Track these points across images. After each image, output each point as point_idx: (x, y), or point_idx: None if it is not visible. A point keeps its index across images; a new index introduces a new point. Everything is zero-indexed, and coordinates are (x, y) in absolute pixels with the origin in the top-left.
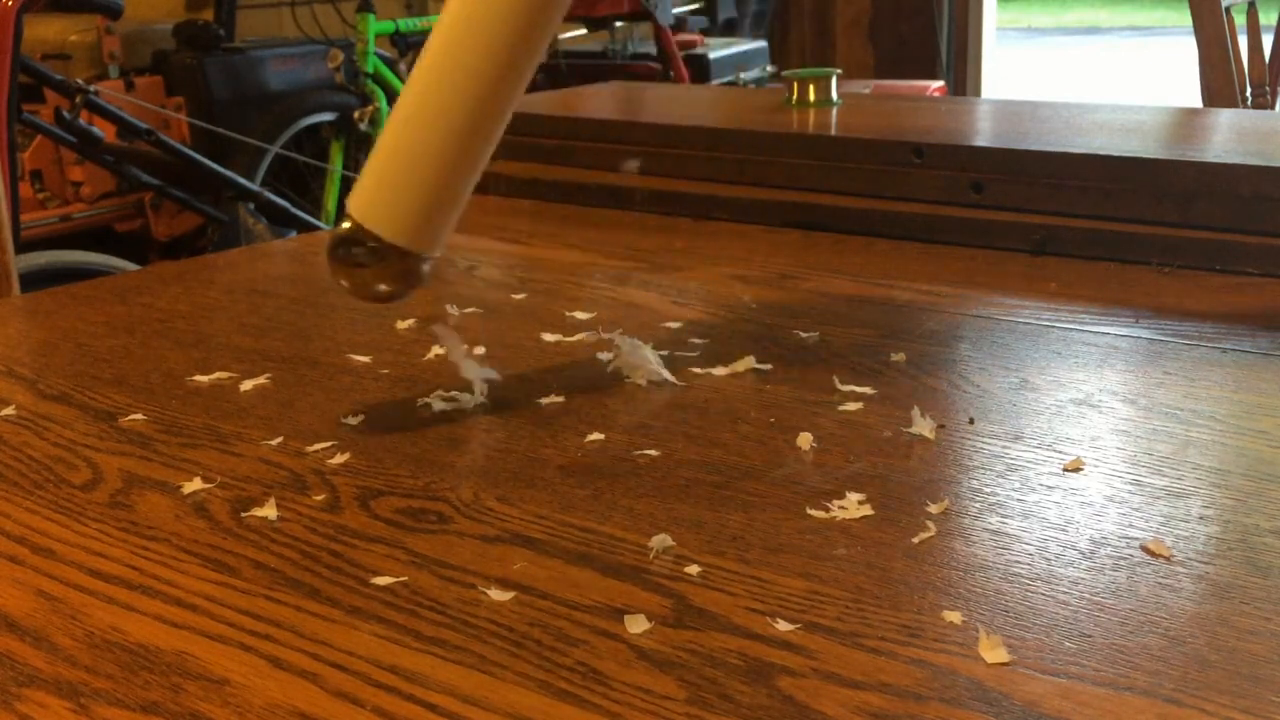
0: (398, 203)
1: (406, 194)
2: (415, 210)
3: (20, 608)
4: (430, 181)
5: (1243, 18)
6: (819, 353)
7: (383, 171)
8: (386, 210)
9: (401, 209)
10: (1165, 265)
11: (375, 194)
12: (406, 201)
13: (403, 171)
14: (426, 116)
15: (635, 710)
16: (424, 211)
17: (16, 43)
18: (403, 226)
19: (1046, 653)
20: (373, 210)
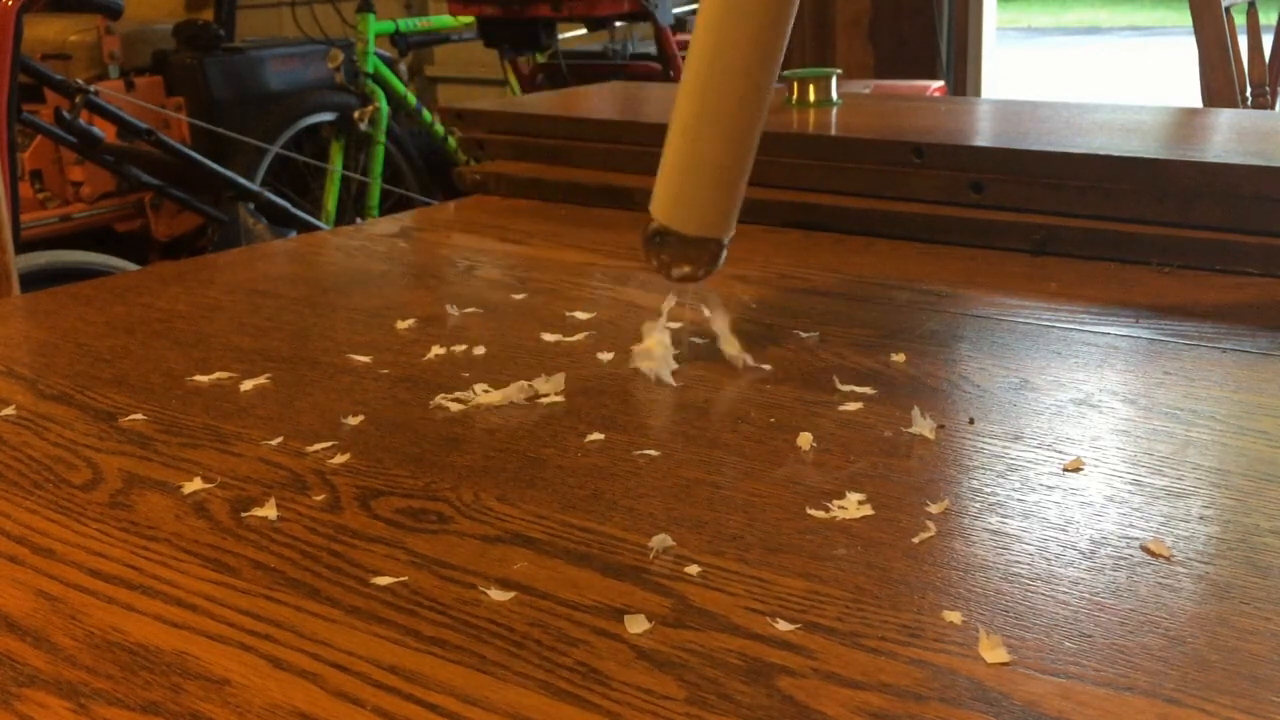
0: (692, 202)
1: (698, 194)
2: (708, 206)
3: (20, 608)
4: (718, 179)
5: (1243, 18)
6: (819, 353)
7: (674, 175)
8: (683, 211)
9: (696, 208)
10: (1165, 265)
11: (671, 196)
12: (699, 201)
13: (691, 175)
14: (708, 121)
15: (635, 710)
16: (715, 204)
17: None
18: (699, 221)
19: (1046, 653)
20: (673, 211)
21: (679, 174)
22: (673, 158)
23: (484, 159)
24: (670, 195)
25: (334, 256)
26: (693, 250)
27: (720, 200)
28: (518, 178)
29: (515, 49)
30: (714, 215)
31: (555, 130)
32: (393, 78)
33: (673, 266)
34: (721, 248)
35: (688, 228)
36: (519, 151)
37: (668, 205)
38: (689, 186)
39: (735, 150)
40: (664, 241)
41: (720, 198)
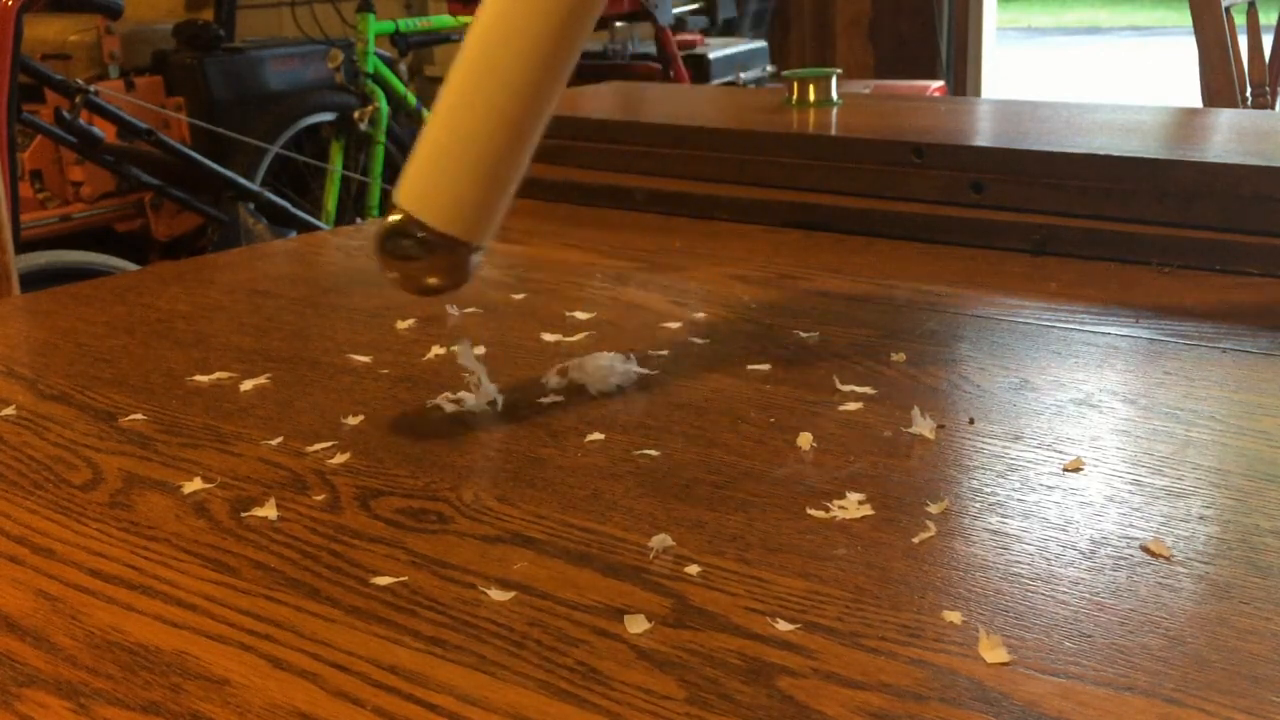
0: (448, 192)
1: (456, 182)
2: (465, 199)
3: (20, 608)
4: (480, 169)
5: (1243, 18)
6: (819, 353)
7: (431, 161)
8: (436, 199)
9: (452, 198)
10: (1165, 265)
11: (424, 184)
12: (457, 190)
13: (452, 160)
14: (474, 103)
15: (635, 710)
16: (474, 200)
17: (16, 43)
18: (454, 215)
19: (1046, 653)
20: (422, 200)
21: (438, 157)
22: (433, 138)
23: None
24: (423, 181)
25: (334, 256)
26: (441, 255)
27: (481, 196)
28: None
29: None
30: (471, 212)
31: (555, 130)
32: (393, 78)
33: (418, 274)
34: (471, 258)
35: (439, 221)
36: None
37: (419, 192)
38: (448, 173)
39: (509, 139)
40: (406, 242)
41: (481, 193)
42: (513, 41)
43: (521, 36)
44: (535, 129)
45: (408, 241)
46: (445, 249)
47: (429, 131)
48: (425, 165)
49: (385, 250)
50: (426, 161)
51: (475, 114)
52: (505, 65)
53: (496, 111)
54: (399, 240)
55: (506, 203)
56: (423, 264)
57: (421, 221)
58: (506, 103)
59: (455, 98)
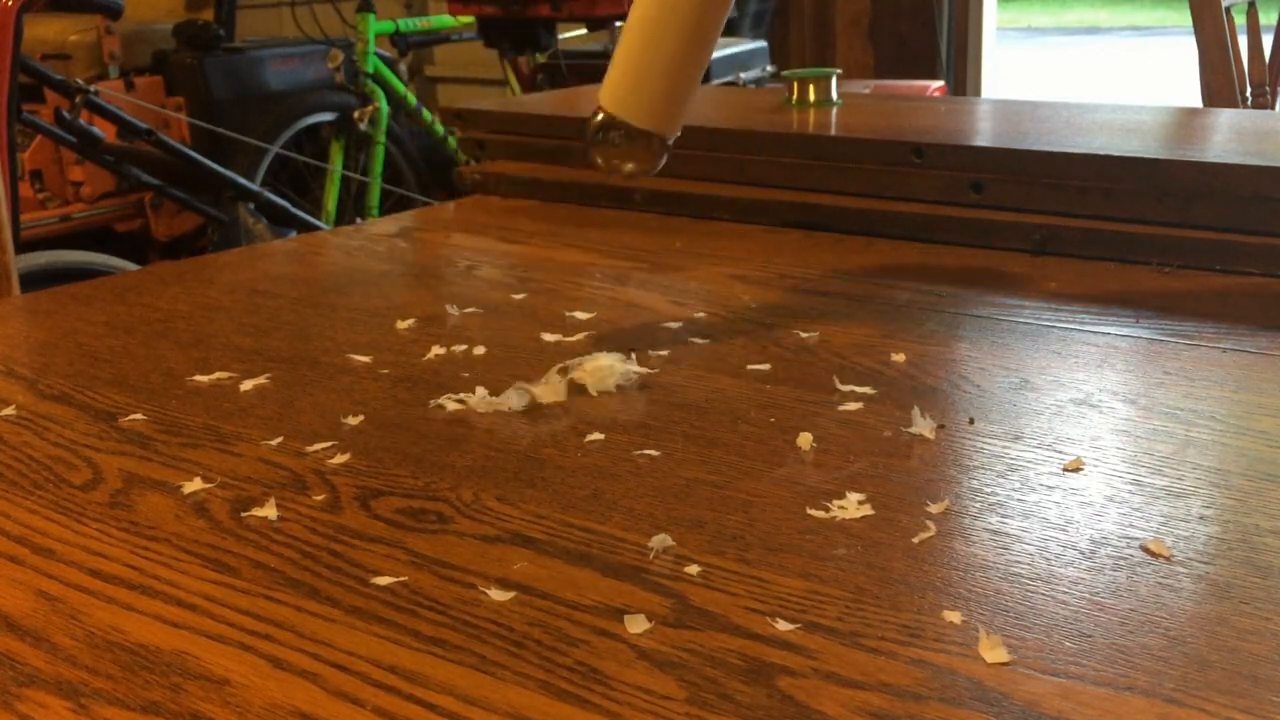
0: (644, 94)
1: (650, 85)
2: (659, 99)
3: (20, 608)
4: (669, 73)
5: (1243, 18)
6: (819, 353)
7: (627, 67)
8: (634, 100)
9: (647, 99)
10: (1165, 265)
11: (623, 87)
12: (650, 92)
13: (645, 66)
14: (661, 17)
15: (635, 710)
16: (665, 99)
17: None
18: (649, 113)
19: (1046, 653)
20: (623, 102)
21: (635, 64)
22: (630, 48)
23: (484, 159)
24: (624, 85)
25: (334, 256)
26: (639, 146)
27: (672, 95)
28: (518, 178)
29: (515, 49)
30: (665, 109)
31: (555, 130)
32: (393, 78)
33: (619, 162)
34: (666, 147)
35: (638, 119)
36: (519, 151)
37: (620, 95)
38: (644, 78)
39: (693, 46)
40: (610, 135)
41: (673, 93)
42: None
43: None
44: (712, 36)
45: (614, 134)
46: (642, 141)
47: (624, 41)
48: (623, 71)
49: (593, 142)
50: (624, 68)
51: (662, 27)
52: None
53: (679, 24)
54: (605, 134)
55: (691, 97)
56: (623, 154)
57: (622, 119)
58: (687, 17)
59: (644, 12)
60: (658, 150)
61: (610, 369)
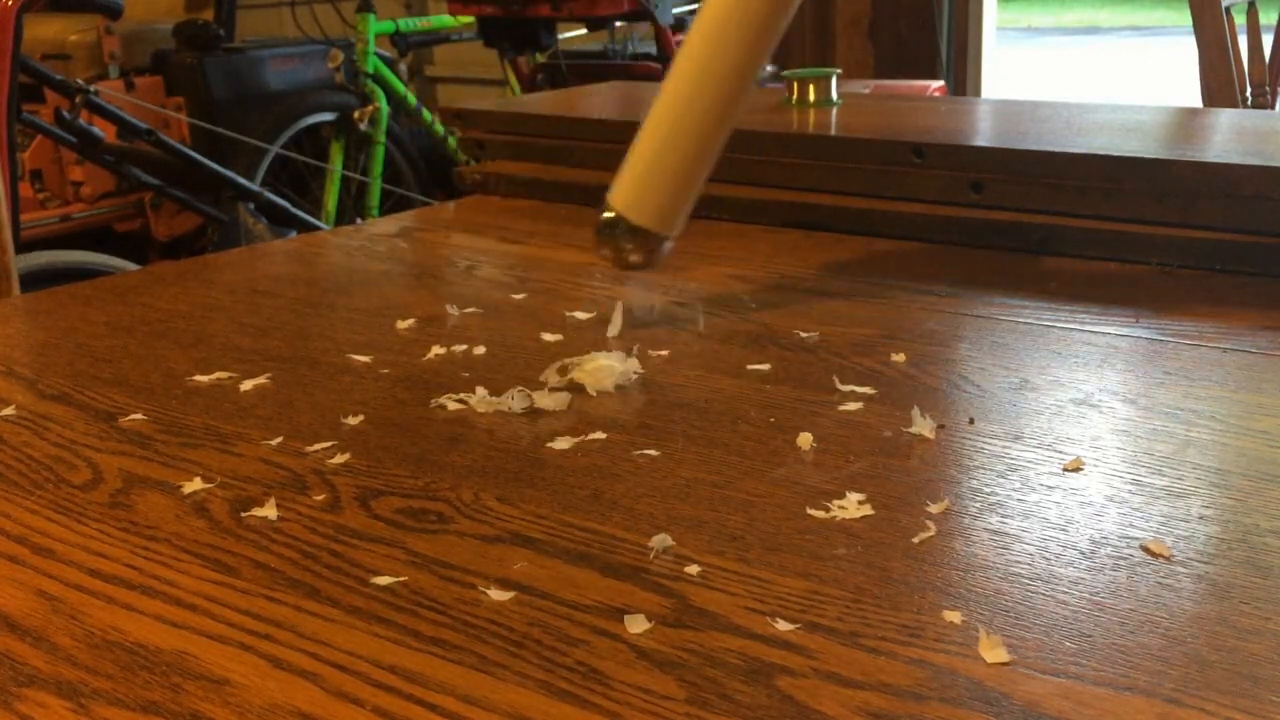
0: (651, 198)
1: (658, 191)
2: (665, 203)
3: (20, 608)
4: (677, 182)
5: (1243, 18)
6: (819, 353)
7: (639, 172)
8: (642, 204)
9: (654, 203)
10: (1165, 265)
11: (633, 190)
12: (658, 197)
13: (655, 173)
14: (676, 128)
15: (635, 710)
16: (671, 204)
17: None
18: (658, 217)
19: (1046, 653)
20: (632, 204)
21: (648, 169)
22: (644, 153)
23: (484, 159)
24: (636, 188)
25: (334, 256)
26: (643, 241)
27: (680, 200)
28: (518, 178)
29: (515, 49)
30: (672, 212)
31: (555, 130)
32: (393, 78)
33: (625, 255)
34: (668, 244)
35: (645, 220)
36: (519, 151)
37: (632, 197)
38: (655, 182)
39: (705, 156)
40: (616, 231)
41: (681, 198)
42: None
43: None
44: (719, 146)
45: (619, 232)
46: (648, 238)
47: (638, 148)
48: (636, 175)
49: (601, 236)
50: (637, 171)
51: (678, 136)
52: (699, 105)
53: (694, 135)
54: (612, 230)
55: (695, 199)
56: (628, 248)
57: (629, 219)
58: (699, 131)
59: (659, 123)
60: (662, 245)
61: (610, 369)
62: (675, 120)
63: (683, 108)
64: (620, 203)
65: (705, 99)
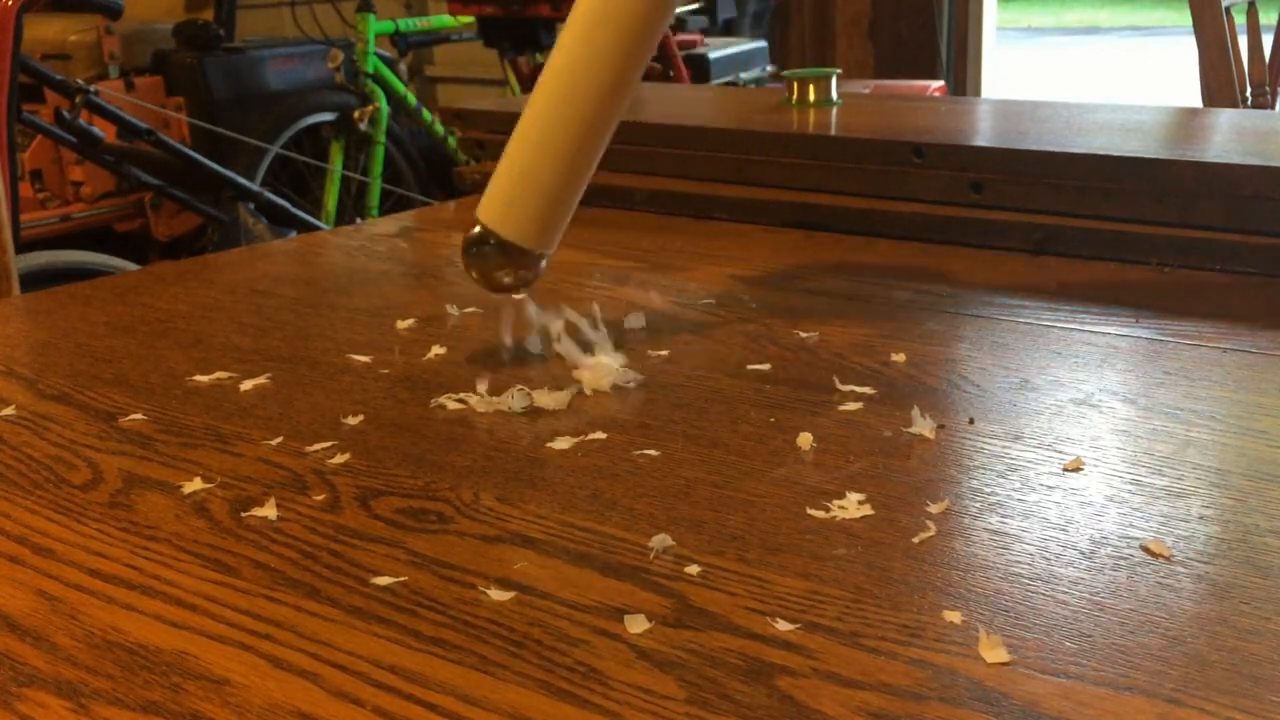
0: (521, 212)
1: (528, 204)
2: (536, 217)
3: (20, 608)
4: (548, 194)
5: (1243, 18)
6: (819, 353)
7: (507, 185)
8: (512, 218)
9: (525, 217)
10: (1165, 265)
11: (502, 204)
12: (528, 210)
13: (524, 186)
14: (546, 137)
15: (635, 710)
16: (543, 218)
17: (16, 43)
18: (526, 231)
19: (1046, 653)
20: (500, 218)
21: (514, 181)
22: (511, 165)
23: (484, 159)
24: (502, 201)
25: (334, 256)
26: (515, 260)
27: (552, 215)
28: None
29: (515, 49)
30: (542, 228)
31: None
32: (393, 78)
33: (495, 274)
34: (541, 263)
35: (515, 236)
36: None
37: (498, 210)
38: (524, 196)
39: (575, 167)
40: (485, 249)
41: (552, 212)
42: (578, 86)
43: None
44: (595, 155)
45: (488, 249)
46: (518, 256)
47: (506, 159)
48: (503, 188)
49: (469, 255)
50: (504, 185)
51: (543, 150)
52: (570, 111)
53: (561, 149)
54: (480, 248)
55: (569, 215)
56: (499, 268)
57: (499, 235)
58: (569, 142)
59: (527, 133)
60: (533, 264)
61: (608, 368)
62: (548, 124)
63: (556, 110)
64: (488, 217)
65: (580, 98)
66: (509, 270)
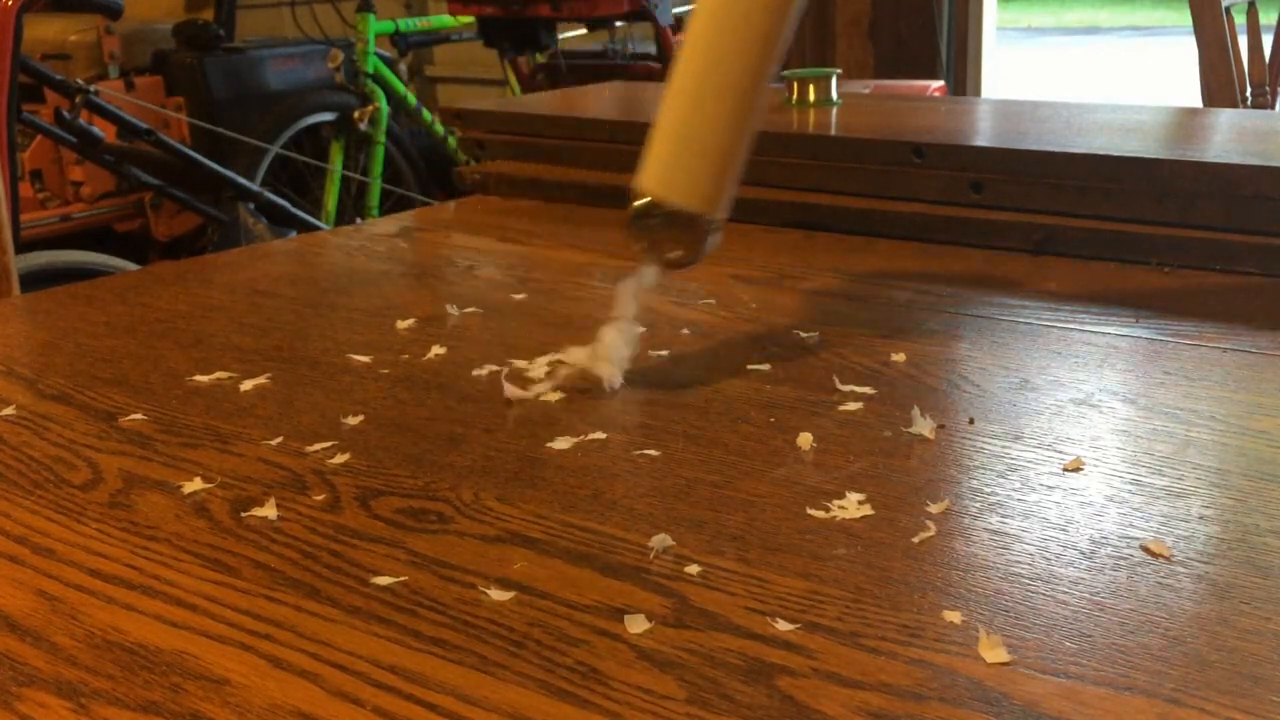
0: (686, 174)
1: (692, 165)
2: (704, 178)
3: (20, 608)
4: (713, 151)
5: (1243, 18)
6: (819, 353)
7: (667, 148)
8: (677, 182)
9: (690, 179)
10: (1165, 265)
11: (664, 168)
12: (693, 172)
13: (687, 146)
14: (702, 93)
15: (635, 710)
16: (711, 177)
17: (16, 43)
18: (694, 194)
19: (1046, 653)
20: (665, 184)
21: (676, 142)
22: (670, 125)
23: (484, 159)
24: (665, 165)
25: (334, 256)
26: (683, 230)
27: (718, 173)
28: (518, 178)
29: (515, 49)
30: (710, 188)
31: (555, 130)
32: (393, 78)
33: (663, 248)
34: (712, 229)
35: (682, 200)
36: (519, 151)
37: (662, 176)
38: (686, 156)
39: (738, 120)
40: (651, 220)
41: (718, 170)
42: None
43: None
44: (759, 109)
45: (654, 220)
46: (687, 224)
47: (664, 123)
48: (663, 152)
49: (634, 228)
50: (663, 149)
51: (703, 103)
52: (728, 57)
53: (723, 99)
54: (647, 220)
55: (738, 173)
56: (667, 239)
57: (665, 202)
58: (731, 90)
59: (682, 87)
60: (703, 232)
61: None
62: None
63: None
64: (653, 186)
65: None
66: (679, 241)
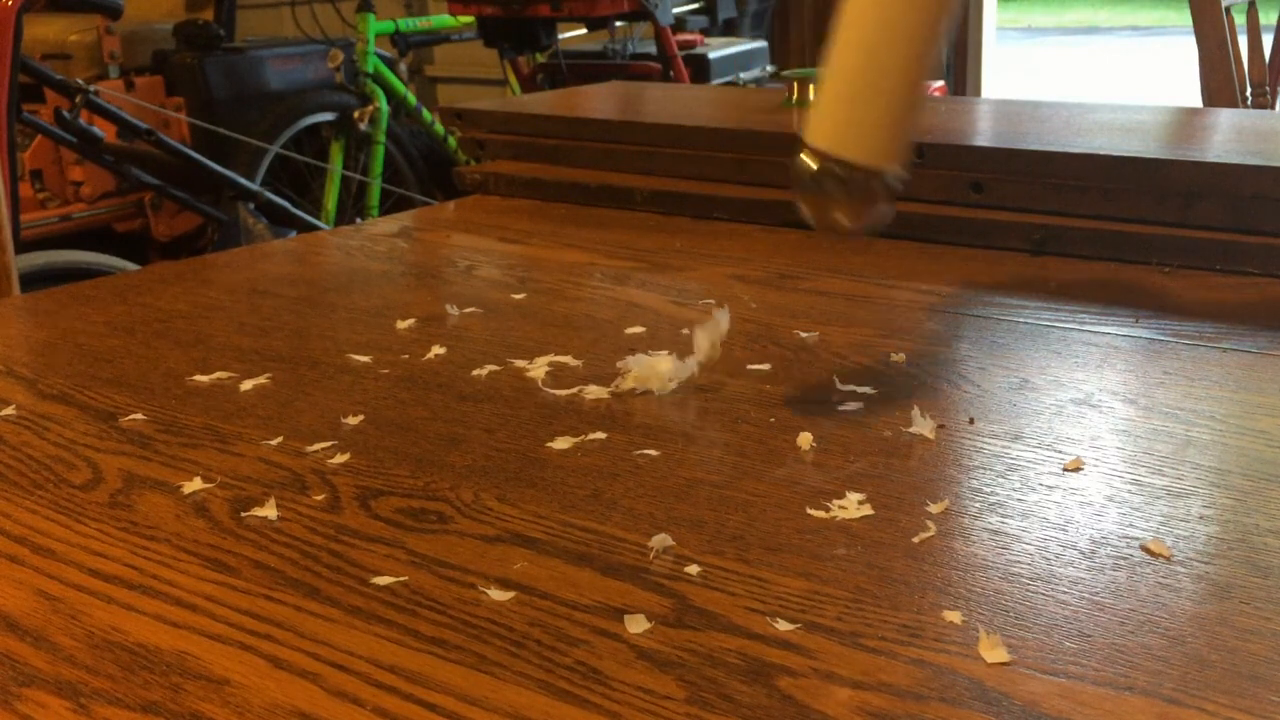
0: (860, 126)
1: (872, 117)
2: (881, 129)
3: (20, 608)
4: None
5: (1243, 18)
6: (819, 353)
7: (838, 100)
8: (854, 135)
9: (865, 130)
10: (1165, 265)
11: (841, 120)
12: (874, 124)
13: (860, 96)
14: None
15: (635, 710)
16: (888, 129)
17: (16, 43)
18: (871, 148)
19: (1046, 653)
20: (841, 139)
21: (851, 93)
22: (842, 79)
23: (484, 159)
24: (839, 118)
25: (334, 256)
26: (855, 190)
27: (895, 126)
28: (518, 178)
29: (515, 49)
30: (887, 142)
31: (555, 130)
32: (393, 78)
33: (831, 209)
34: (887, 187)
35: (857, 155)
36: (519, 151)
37: (834, 130)
38: (861, 107)
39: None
40: (824, 179)
41: (895, 123)
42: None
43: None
44: (936, 55)
45: (829, 181)
46: (864, 183)
47: (833, 77)
48: (836, 107)
49: (805, 190)
50: (837, 103)
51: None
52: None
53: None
54: (822, 181)
55: (914, 125)
56: (840, 202)
57: (839, 157)
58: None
59: (851, 40)
60: (877, 192)
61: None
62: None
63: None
64: (825, 141)
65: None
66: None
